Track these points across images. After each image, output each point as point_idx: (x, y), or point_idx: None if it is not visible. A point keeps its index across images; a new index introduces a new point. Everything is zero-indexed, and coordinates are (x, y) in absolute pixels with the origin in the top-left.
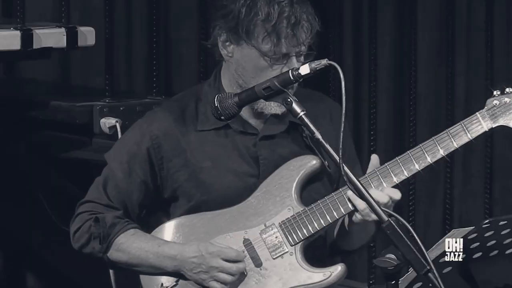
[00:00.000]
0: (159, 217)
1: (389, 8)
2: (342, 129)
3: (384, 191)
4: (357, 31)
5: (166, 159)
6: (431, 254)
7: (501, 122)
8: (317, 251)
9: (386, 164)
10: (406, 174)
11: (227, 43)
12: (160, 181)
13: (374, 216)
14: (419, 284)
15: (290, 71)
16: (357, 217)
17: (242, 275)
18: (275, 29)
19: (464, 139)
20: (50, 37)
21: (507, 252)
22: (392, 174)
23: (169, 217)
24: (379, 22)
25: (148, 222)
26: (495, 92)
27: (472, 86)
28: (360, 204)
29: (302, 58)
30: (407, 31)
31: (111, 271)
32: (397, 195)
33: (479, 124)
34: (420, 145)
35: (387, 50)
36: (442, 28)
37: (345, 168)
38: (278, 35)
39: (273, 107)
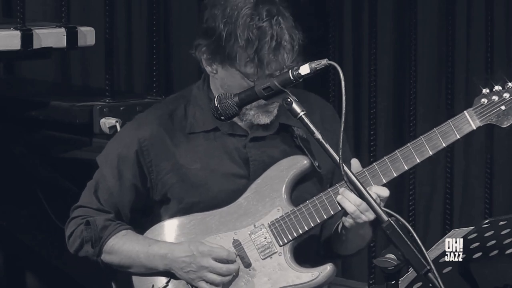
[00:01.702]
0: (151, 220)
1: (389, 8)
2: (342, 129)
3: (372, 190)
4: (357, 31)
5: (155, 162)
6: (431, 254)
7: (489, 120)
8: (309, 252)
9: (374, 163)
10: (394, 173)
11: (210, 61)
12: (150, 184)
13: (364, 217)
14: (419, 284)
15: (290, 71)
16: (348, 221)
17: (232, 276)
18: (257, 56)
19: (452, 138)
20: (50, 37)
21: (507, 252)
22: (380, 174)
23: (160, 219)
24: (379, 22)
25: (141, 225)
26: (483, 90)
27: (472, 86)
28: (349, 207)
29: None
30: (407, 31)
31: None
32: (385, 192)
33: (467, 122)
34: (409, 144)
35: (387, 50)
36: (442, 28)
37: (345, 168)
38: (260, 61)
39: (262, 118)
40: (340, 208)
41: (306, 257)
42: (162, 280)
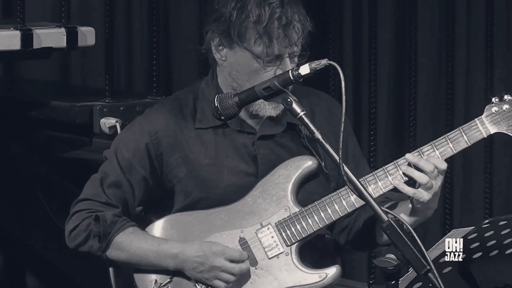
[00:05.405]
0: (156, 214)
1: (389, 8)
2: (342, 129)
3: (430, 160)
4: (357, 31)
5: (165, 155)
6: (431, 254)
7: (499, 129)
8: (315, 252)
9: (383, 167)
10: (403, 177)
11: (220, 47)
12: (160, 176)
13: (427, 196)
14: (419, 284)
15: (290, 71)
16: (414, 203)
17: (243, 276)
18: (267, 31)
19: (462, 144)
20: (50, 37)
21: (507, 252)
22: (390, 177)
23: (165, 214)
24: (379, 22)
25: (145, 219)
26: (493, 99)
27: (472, 86)
28: (419, 177)
29: (296, 59)
30: (407, 31)
31: (110, 270)
32: (443, 165)
33: (478, 130)
34: (418, 149)
35: (387, 50)
36: (442, 27)
37: (345, 168)
38: (269, 36)
39: (268, 110)
40: (349, 210)
41: (311, 257)
42: (164, 275)
